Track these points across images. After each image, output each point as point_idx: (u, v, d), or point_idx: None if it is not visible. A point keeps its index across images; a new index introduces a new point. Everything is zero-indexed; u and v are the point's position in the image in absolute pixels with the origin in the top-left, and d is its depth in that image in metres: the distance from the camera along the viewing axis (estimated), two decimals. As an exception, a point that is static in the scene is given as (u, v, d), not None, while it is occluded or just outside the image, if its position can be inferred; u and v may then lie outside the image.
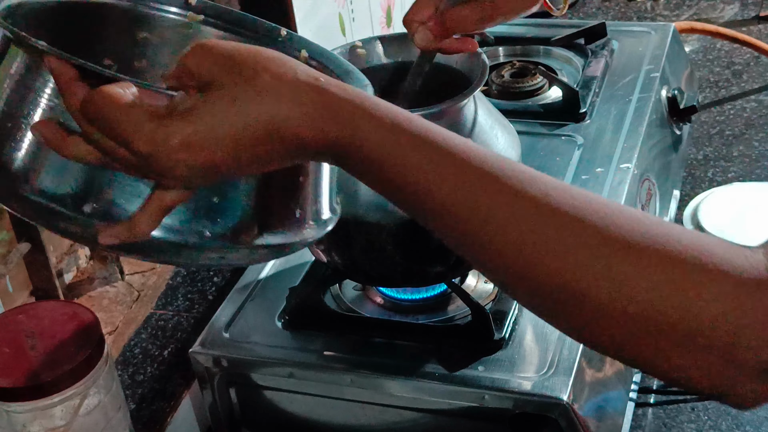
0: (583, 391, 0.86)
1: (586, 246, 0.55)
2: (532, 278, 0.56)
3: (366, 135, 0.57)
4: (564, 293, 0.55)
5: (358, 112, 0.57)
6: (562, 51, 1.32)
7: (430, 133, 0.58)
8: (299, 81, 0.57)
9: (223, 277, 1.18)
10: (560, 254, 0.55)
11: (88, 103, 0.57)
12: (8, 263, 1.00)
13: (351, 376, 0.90)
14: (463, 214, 0.57)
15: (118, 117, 0.56)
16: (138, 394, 1.01)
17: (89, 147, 0.59)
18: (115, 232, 0.60)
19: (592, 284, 0.55)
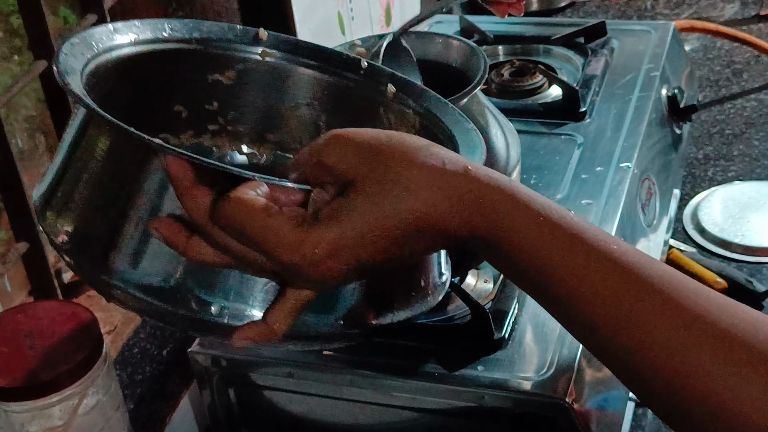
0: (583, 391, 0.85)
1: (753, 371, 0.51)
2: (683, 397, 0.53)
3: (516, 229, 0.54)
4: (719, 417, 0.52)
5: (509, 203, 0.54)
6: (562, 50, 1.31)
7: (584, 233, 0.55)
8: (447, 172, 0.54)
9: (222, 276, 1.17)
10: (721, 377, 0.52)
11: (221, 212, 0.53)
12: (6, 263, 1.00)
13: (351, 376, 0.89)
14: (619, 327, 0.53)
15: (257, 227, 0.53)
16: (137, 393, 1.01)
17: (215, 251, 0.55)
18: (251, 334, 0.57)
19: (749, 407, 0.51)
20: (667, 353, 0.53)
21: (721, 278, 1.15)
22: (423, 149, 0.55)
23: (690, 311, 0.53)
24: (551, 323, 0.91)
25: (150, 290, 0.58)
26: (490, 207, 0.54)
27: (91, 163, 0.60)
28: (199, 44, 0.74)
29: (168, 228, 0.55)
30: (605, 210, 1.02)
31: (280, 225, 0.53)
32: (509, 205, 0.54)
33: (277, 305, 0.57)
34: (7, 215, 1.02)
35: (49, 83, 1.07)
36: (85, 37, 0.66)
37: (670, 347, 0.53)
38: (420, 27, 0.95)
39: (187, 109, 0.76)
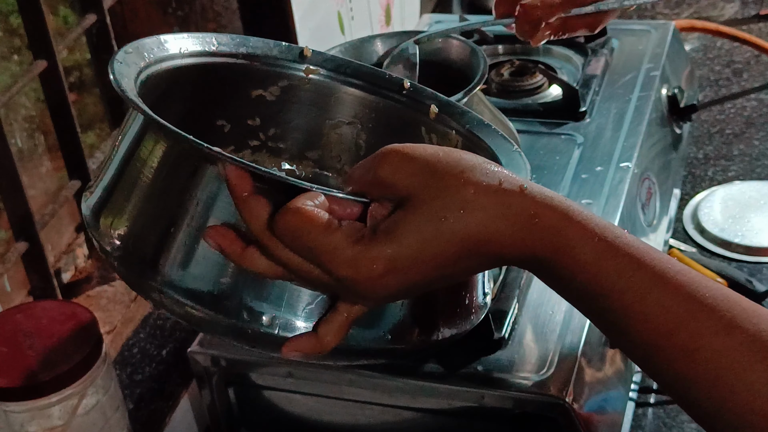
0: (583, 391, 0.85)
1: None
2: (736, 416, 0.52)
3: (572, 247, 0.54)
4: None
5: (564, 222, 0.55)
6: (562, 49, 1.31)
7: (639, 254, 0.55)
8: (504, 191, 0.54)
9: (222, 276, 1.17)
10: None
11: (281, 222, 0.53)
12: (6, 262, 1.00)
13: (350, 376, 0.89)
14: (673, 350, 0.53)
15: (316, 240, 0.53)
16: (136, 393, 1.01)
17: (270, 262, 0.55)
18: (301, 346, 0.57)
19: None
20: (727, 373, 0.52)
21: (721, 278, 1.15)
22: (479, 167, 0.55)
23: (747, 330, 0.52)
24: (551, 323, 0.90)
25: (200, 298, 0.58)
26: (545, 226, 0.54)
27: (145, 170, 0.60)
28: (245, 59, 0.75)
29: (223, 237, 0.56)
30: (605, 210, 1.02)
31: (339, 239, 0.53)
32: (565, 223, 0.54)
33: (328, 318, 0.58)
34: (6, 215, 1.02)
35: (48, 83, 1.07)
36: (138, 47, 0.66)
37: (728, 367, 0.52)
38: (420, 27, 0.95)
39: (230, 124, 0.77)
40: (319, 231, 0.53)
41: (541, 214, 0.54)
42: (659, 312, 0.53)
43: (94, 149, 1.18)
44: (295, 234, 0.53)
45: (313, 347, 0.57)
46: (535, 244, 0.55)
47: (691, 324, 0.53)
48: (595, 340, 0.90)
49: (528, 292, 0.94)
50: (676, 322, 0.53)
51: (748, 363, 0.52)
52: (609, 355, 0.93)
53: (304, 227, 0.53)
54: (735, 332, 0.52)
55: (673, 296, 0.53)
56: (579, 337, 0.88)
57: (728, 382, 0.52)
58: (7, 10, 1.12)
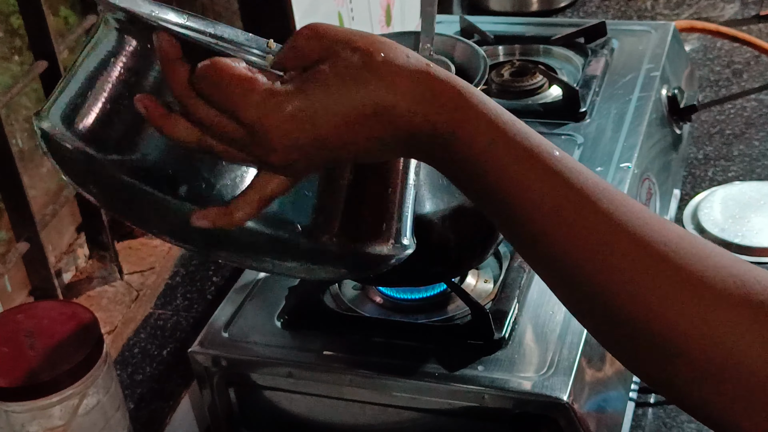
0: (583, 391, 0.85)
1: (679, 289, 0.54)
2: (615, 310, 0.55)
3: (470, 128, 0.57)
4: (644, 330, 0.54)
5: (465, 103, 0.57)
6: (562, 50, 1.31)
7: (532, 142, 0.58)
8: (410, 66, 0.57)
9: (223, 276, 1.17)
10: (649, 291, 0.54)
11: (198, 71, 0.56)
12: (7, 263, 1.00)
13: (351, 375, 0.89)
14: (557, 236, 0.56)
15: (230, 85, 0.56)
16: (137, 393, 1.01)
17: (190, 126, 0.58)
18: (211, 214, 0.59)
19: (676, 325, 0.53)
20: (611, 269, 0.55)
21: (721, 278, 1.15)
22: (389, 44, 0.59)
23: (613, 217, 0.56)
24: (551, 323, 0.91)
25: (126, 166, 0.61)
26: (446, 101, 0.57)
27: (96, 61, 0.64)
28: (212, 38, 0.78)
29: (149, 102, 0.58)
30: (605, 210, 1.02)
31: (251, 83, 0.56)
32: (464, 102, 0.57)
33: (243, 193, 0.60)
34: (7, 215, 1.03)
35: (49, 83, 1.07)
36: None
37: (609, 262, 0.55)
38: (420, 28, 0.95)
39: None
40: (234, 78, 0.56)
41: (443, 90, 0.57)
42: (545, 200, 0.56)
43: (94, 150, 1.18)
44: (213, 81, 0.56)
45: (222, 219, 0.59)
46: (435, 118, 0.57)
47: (578, 220, 0.56)
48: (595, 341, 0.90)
49: (528, 292, 0.95)
50: (558, 209, 0.56)
51: (635, 263, 0.54)
52: (609, 356, 0.93)
53: (220, 73, 0.56)
54: (623, 231, 0.55)
55: (561, 188, 0.56)
56: (579, 338, 0.88)
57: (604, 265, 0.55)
58: (8, 10, 1.12)
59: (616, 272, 0.55)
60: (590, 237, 0.56)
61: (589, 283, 0.56)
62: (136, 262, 1.21)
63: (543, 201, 0.56)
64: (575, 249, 0.56)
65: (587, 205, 0.56)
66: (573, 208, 0.56)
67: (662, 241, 0.55)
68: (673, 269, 0.54)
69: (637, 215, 0.56)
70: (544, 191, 0.56)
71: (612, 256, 0.55)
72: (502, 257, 1.00)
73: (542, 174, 0.57)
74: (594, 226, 0.56)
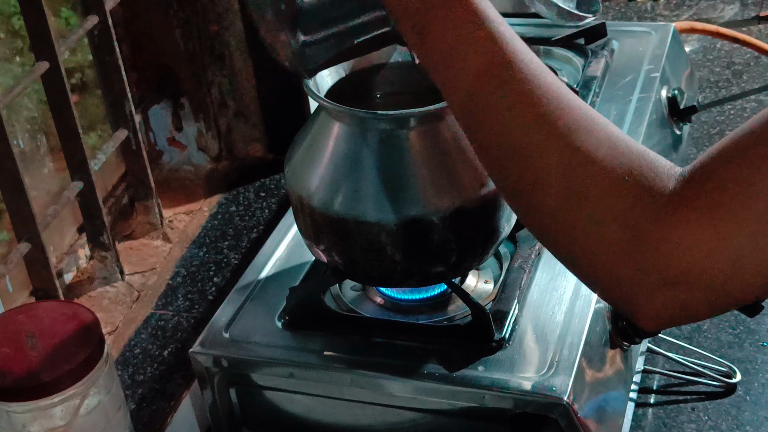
0: (583, 391, 0.86)
1: (555, 148, 0.63)
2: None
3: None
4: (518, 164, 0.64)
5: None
6: (562, 51, 1.31)
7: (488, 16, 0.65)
8: None
9: (224, 277, 1.18)
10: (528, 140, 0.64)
11: None
12: (8, 263, 1.00)
13: (351, 376, 0.90)
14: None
15: None
16: (138, 394, 1.01)
17: None
18: None
19: (547, 161, 0.63)
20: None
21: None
22: None
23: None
24: (552, 324, 0.91)
25: None
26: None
27: None
28: None
29: None
30: (605, 211, 1.02)
31: None
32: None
33: None
34: (8, 216, 1.03)
35: (50, 84, 1.07)
36: None
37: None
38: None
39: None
40: None
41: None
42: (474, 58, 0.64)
43: (95, 150, 1.19)
44: None
45: None
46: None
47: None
48: (596, 341, 0.91)
49: (528, 293, 0.95)
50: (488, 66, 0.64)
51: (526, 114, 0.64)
52: (609, 356, 0.94)
53: None
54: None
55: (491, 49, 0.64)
56: (579, 338, 0.88)
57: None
58: (9, 11, 1.12)
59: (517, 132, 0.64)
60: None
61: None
62: (137, 262, 1.22)
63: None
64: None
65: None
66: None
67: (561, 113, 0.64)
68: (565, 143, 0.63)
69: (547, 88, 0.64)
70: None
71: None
72: (502, 258, 1.00)
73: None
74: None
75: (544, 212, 0.65)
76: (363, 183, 0.85)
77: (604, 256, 0.63)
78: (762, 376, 1.05)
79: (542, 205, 0.65)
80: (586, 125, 0.64)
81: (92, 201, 1.14)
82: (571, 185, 0.63)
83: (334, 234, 0.88)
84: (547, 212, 0.64)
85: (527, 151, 0.64)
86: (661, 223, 0.61)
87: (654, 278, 0.61)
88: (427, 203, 0.85)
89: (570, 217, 0.63)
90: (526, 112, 0.63)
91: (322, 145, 0.88)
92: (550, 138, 0.63)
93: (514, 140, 0.64)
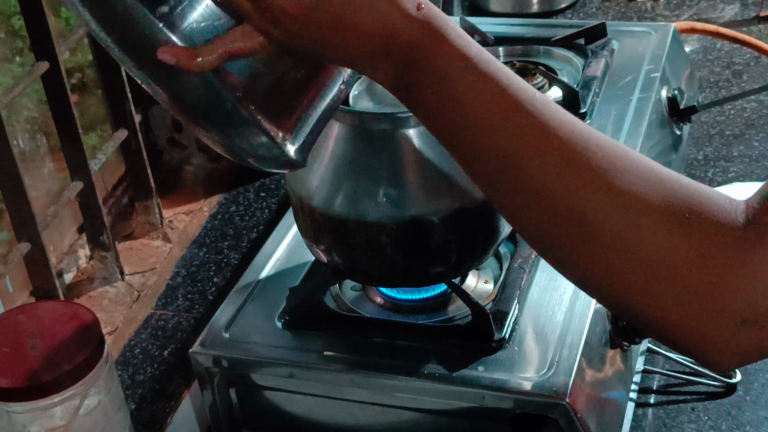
0: (583, 391, 0.86)
1: (593, 184, 0.60)
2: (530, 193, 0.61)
3: (436, 49, 0.61)
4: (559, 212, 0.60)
5: (434, 25, 0.61)
6: (562, 51, 1.31)
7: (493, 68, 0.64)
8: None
9: (224, 277, 1.18)
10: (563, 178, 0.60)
11: None
12: (8, 263, 1.01)
13: (351, 376, 0.90)
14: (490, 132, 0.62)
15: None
16: (138, 394, 1.02)
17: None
18: (177, 52, 0.61)
19: (592, 210, 0.59)
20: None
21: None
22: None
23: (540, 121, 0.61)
24: (552, 324, 0.91)
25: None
26: (423, 21, 0.61)
27: None
28: None
29: None
30: (605, 211, 1.02)
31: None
32: (437, 26, 0.62)
33: (214, 41, 0.61)
34: (8, 216, 1.03)
35: (50, 85, 1.07)
36: None
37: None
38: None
39: None
40: None
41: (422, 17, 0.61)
42: (476, 101, 0.62)
43: (96, 150, 1.19)
44: None
45: (186, 58, 0.61)
46: (404, 35, 0.61)
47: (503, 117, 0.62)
48: (596, 341, 0.91)
49: (528, 293, 0.95)
50: (490, 112, 0.62)
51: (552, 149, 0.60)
52: (609, 356, 0.94)
53: None
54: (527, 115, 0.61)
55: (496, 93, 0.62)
56: (579, 338, 0.88)
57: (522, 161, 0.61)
58: (9, 11, 1.12)
59: (543, 172, 0.61)
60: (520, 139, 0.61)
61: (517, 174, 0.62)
62: (137, 262, 1.22)
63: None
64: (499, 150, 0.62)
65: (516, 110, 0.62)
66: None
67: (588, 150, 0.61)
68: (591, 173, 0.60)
69: (561, 118, 0.62)
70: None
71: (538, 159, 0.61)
72: (502, 258, 1.00)
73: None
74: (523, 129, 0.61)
75: (597, 263, 0.61)
76: (363, 183, 0.85)
77: (674, 300, 0.59)
78: (762, 376, 1.05)
79: (594, 255, 0.60)
80: (624, 163, 0.60)
81: (92, 201, 1.14)
82: (624, 230, 0.59)
83: (334, 234, 0.88)
84: (601, 263, 0.60)
85: (566, 197, 0.60)
86: (737, 259, 0.57)
87: (733, 319, 0.58)
88: (427, 203, 0.85)
89: (629, 265, 0.59)
90: (552, 157, 0.61)
91: (322, 145, 0.88)
92: (590, 182, 0.59)
93: (545, 190, 0.60)
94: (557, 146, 0.60)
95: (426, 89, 0.62)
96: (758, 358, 0.62)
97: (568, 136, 0.61)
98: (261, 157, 0.69)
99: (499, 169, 0.62)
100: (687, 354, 0.62)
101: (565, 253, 0.62)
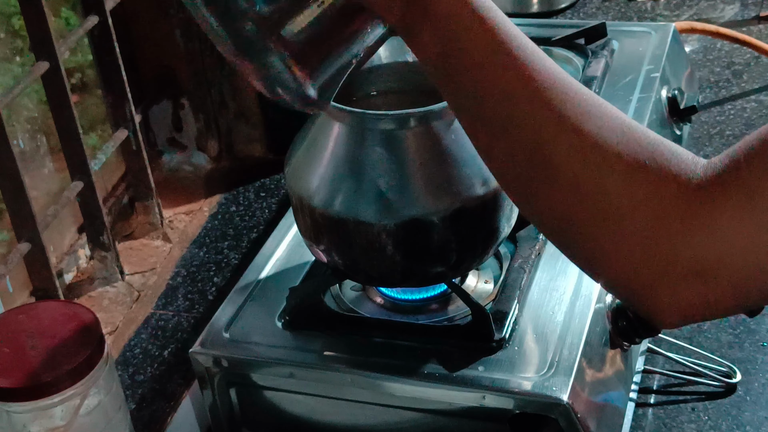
0: (583, 391, 0.86)
1: (561, 129, 0.60)
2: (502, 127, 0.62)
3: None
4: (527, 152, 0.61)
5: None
6: (563, 51, 1.31)
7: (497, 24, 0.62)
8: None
9: (224, 277, 1.18)
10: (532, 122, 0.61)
11: None
12: (8, 263, 1.01)
13: (351, 376, 0.90)
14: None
15: None
16: (138, 394, 1.02)
17: None
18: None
19: (555, 151, 0.60)
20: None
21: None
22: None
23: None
24: (552, 324, 0.91)
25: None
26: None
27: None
28: None
29: None
30: (605, 211, 1.02)
31: None
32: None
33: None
34: (8, 216, 1.03)
35: (50, 85, 1.07)
36: None
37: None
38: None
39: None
40: None
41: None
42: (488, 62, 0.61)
43: (96, 150, 1.19)
44: None
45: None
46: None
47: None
48: (596, 341, 0.91)
49: (528, 293, 0.95)
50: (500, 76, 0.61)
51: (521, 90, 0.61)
52: (609, 356, 0.94)
53: None
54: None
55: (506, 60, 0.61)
56: (579, 338, 0.88)
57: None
58: (9, 11, 1.12)
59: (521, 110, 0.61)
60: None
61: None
62: (137, 262, 1.22)
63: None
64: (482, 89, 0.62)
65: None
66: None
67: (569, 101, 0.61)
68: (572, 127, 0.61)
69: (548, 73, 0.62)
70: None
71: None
72: (502, 258, 1.00)
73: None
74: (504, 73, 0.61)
75: (554, 206, 0.62)
76: (363, 183, 0.85)
77: (624, 247, 0.60)
78: (762, 376, 1.05)
79: (552, 198, 0.61)
80: (597, 111, 0.61)
81: (92, 201, 1.14)
82: (583, 173, 0.60)
83: (334, 234, 0.88)
84: (558, 205, 0.61)
85: (533, 136, 0.61)
86: (690, 212, 0.58)
87: (680, 270, 0.58)
88: (427, 203, 0.85)
89: (583, 209, 0.60)
90: (529, 98, 0.61)
91: (322, 145, 0.88)
92: (556, 123, 0.60)
93: (517, 125, 0.61)
94: (534, 89, 0.61)
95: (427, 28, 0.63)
96: (702, 316, 0.62)
97: (551, 82, 0.61)
98: (284, 87, 0.68)
99: (480, 103, 0.62)
100: (635, 305, 0.63)
101: (527, 192, 0.63)
